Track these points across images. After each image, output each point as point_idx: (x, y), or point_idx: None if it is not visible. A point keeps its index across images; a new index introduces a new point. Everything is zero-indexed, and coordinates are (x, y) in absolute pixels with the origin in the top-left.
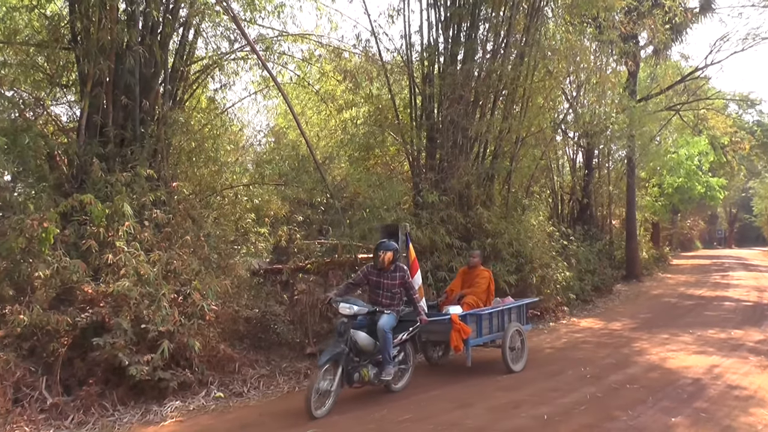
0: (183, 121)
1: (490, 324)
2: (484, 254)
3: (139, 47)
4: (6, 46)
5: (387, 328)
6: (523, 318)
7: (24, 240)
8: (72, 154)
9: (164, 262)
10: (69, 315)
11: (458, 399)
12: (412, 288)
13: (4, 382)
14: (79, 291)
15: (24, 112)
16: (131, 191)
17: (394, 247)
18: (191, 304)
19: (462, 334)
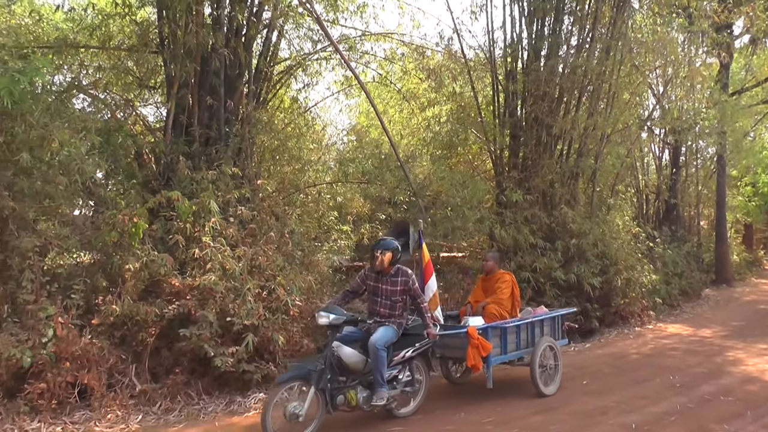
0: (266, 120)
1: (517, 338)
2: (501, 255)
3: (224, 49)
4: (101, 51)
5: (380, 343)
6: (557, 331)
7: (116, 234)
8: (159, 152)
9: (249, 257)
10: (157, 306)
11: (541, 403)
12: (420, 296)
13: (99, 368)
14: (166, 284)
15: (115, 113)
16: (216, 188)
17: (394, 246)
18: (275, 299)
19: (481, 351)
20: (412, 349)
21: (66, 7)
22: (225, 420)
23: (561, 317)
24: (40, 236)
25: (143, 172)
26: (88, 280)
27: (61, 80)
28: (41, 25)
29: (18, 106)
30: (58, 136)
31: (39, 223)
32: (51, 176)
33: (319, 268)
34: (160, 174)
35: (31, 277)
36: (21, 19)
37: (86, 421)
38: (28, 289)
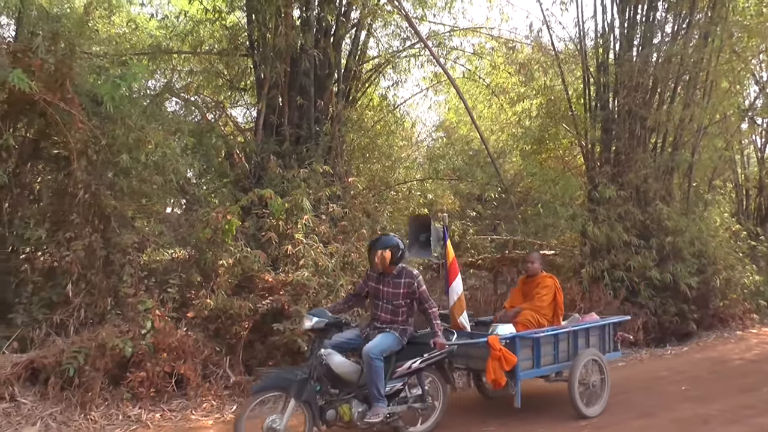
0: (356, 118)
1: (554, 350)
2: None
3: (314, 50)
4: (192, 56)
5: (375, 352)
6: (607, 343)
7: (210, 231)
8: (250, 152)
9: (342, 254)
10: (250, 301)
11: (640, 407)
12: (427, 300)
13: (194, 359)
14: (259, 279)
15: (206, 115)
16: (308, 186)
17: (394, 243)
18: None
19: (504, 365)
20: (420, 360)
21: (160, 16)
22: None
23: (612, 326)
24: (138, 233)
25: (234, 171)
26: (183, 275)
27: (155, 85)
28: (137, 34)
29: (118, 111)
30: (153, 137)
31: (137, 220)
32: (147, 176)
33: (410, 265)
34: (251, 173)
35: (130, 272)
36: (119, 28)
37: (183, 409)
38: (128, 283)
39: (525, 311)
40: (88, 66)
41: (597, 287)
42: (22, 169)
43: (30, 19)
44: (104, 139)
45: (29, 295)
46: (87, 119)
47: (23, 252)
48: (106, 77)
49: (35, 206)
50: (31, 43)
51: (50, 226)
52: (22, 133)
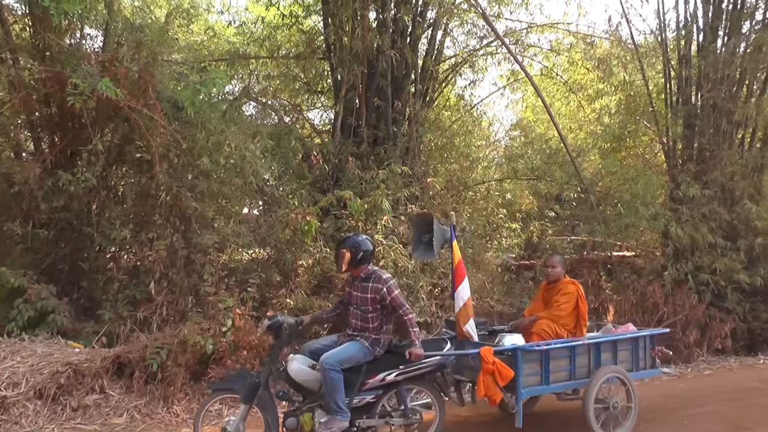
0: (433, 118)
1: (571, 365)
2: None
3: (391, 51)
4: (270, 60)
5: (330, 361)
6: (642, 358)
7: (289, 231)
8: (328, 153)
9: None
10: (330, 301)
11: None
12: (401, 306)
13: None
14: (338, 279)
15: (283, 118)
16: (386, 187)
17: (354, 242)
18: (447, 297)
19: (499, 380)
20: (396, 372)
21: (237, 23)
22: None
23: (648, 339)
24: (219, 233)
25: (312, 173)
26: (263, 275)
27: (234, 89)
28: (215, 41)
29: (198, 115)
30: (233, 140)
31: (217, 221)
32: (227, 178)
33: (489, 266)
34: (329, 174)
35: (211, 271)
36: (197, 36)
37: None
38: (209, 282)
39: (541, 320)
40: (169, 73)
41: (680, 290)
42: (108, 173)
43: (116, 30)
44: (185, 143)
45: (115, 293)
46: (168, 124)
47: (109, 251)
48: (186, 83)
49: (120, 208)
50: (117, 53)
51: (134, 226)
52: (108, 138)
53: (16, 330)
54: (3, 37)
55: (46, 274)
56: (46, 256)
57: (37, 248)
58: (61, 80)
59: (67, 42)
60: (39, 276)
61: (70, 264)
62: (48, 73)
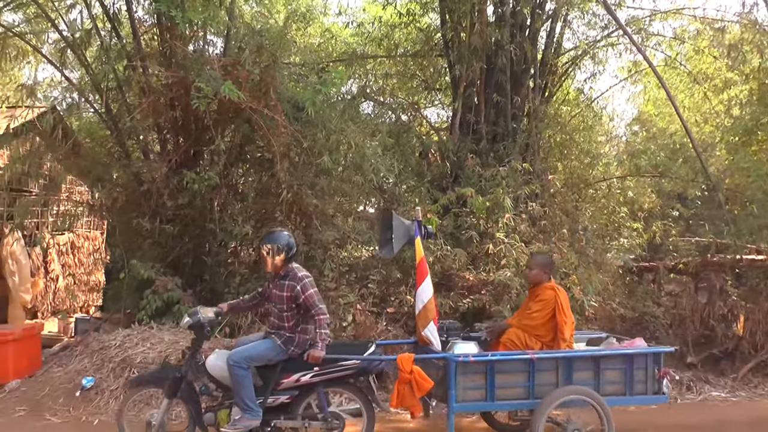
0: (552, 114)
1: (529, 381)
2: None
3: (510, 45)
4: (387, 59)
5: (235, 358)
6: (638, 381)
7: None
8: (446, 151)
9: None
10: (451, 299)
11: None
12: (313, 306)
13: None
14: (459, 278)
15: (400, 116)
16: (506, 185)
17: (271, 239)
18: (570, 298)
19: (416, 390)
20: (311, 374)
21: (354, 24)
22: None
23: (651, 359)
24: (339, 230)
25: (431, 171)
26: (383, 271)
27: (351, 89)
28: (331, 42)
29: (318, 115)
30: (353, 139)
31: (336, 218)
32: (346, 176)
33: (611, 267)
34: (449, 172)
35: (331, 267)
36: (314, 38)
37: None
38: (329, 278)
39: (511, 329)
40: (288, 75)
41: None
42: (229, 171)
43: (237, 36)
44: (305, 142)
45: (236, 286)
46: (289, 124)
47: (230, 246)
48: (306, 84)
49: (241, 205)
50: (239, 57)
51: (255, 223)
52: (230, 139)
53: (145, 318)
54: (135, 47)
55: (172, 267)
56: (171, 250)
57: (163, 243)
58: (186, 85)
59: (191, 48)
60: (165, 269)
61: (194, 258)
62: (174, 78)
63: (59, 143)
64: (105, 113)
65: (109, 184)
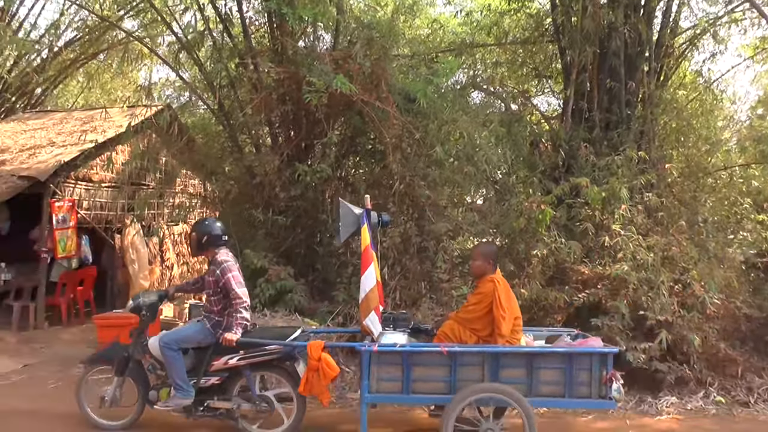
0: (669, 98)
1: (450, 376)
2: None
3: (624, 27)
4: (496, 48)
5: (165, 339)
6: (581, 383)
7: (523, 220)
8: (558, 140)
9: (661, 247)
10: (566, 293)
11: None
12: (231, 290)
13: None
14: (573, 271)
15: (510, 105)
16: (621, 174)
17: (193, 228)
18: (690, 294)
19: (323, 377)
20: (238, 357)
21: (462, 13)
22: (636, 419)
23: (596, 360)
24: (451, 221)
25: (542, 160)
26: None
27: (460, 79)
28: (439, 33)
29: (430, 106)
30: (465, 129)
31: (449, 209)
32: (458, 167)
33: (734, 262)
34: (560, 162)
35: (444, 258)
36: (421, 30)
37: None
38: (441, 269)
39: (448, 321)
40: (397, 66)
41: None
42: (340, 163)
43: (347, 29)
44: (417, 133)
45: (349, 276)
46: (400, 115)
47: None
48: (416, 75)
49: (352, 196)
50: (350, 51)
51: None
52: (341, 131)
53: (259, 306)
54: (246, 45)
55: (284, 257)
56: (284, 241)
57: (275, 233)
58: (297, 80)
59: (301, 44)
60: (278, 258)
61: (306, 248)
62: (285, 74)
63: (174, 139)
64: (218, 110)
65: (223, 177)
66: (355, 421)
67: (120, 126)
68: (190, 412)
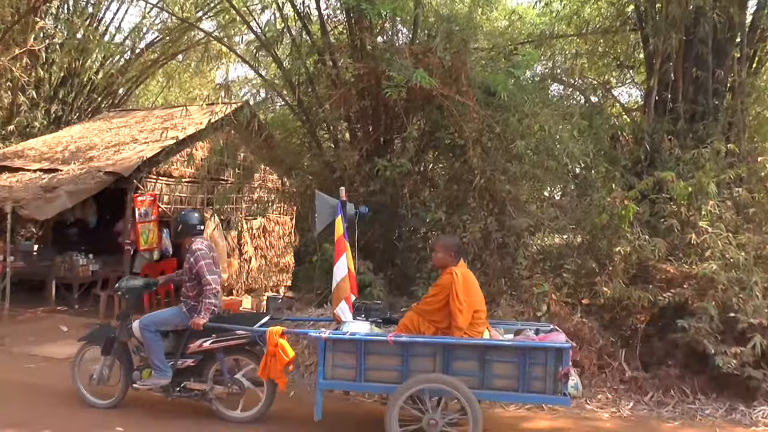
0: (763, 87)
1: (403, 365)
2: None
3: (713, 12)
4: (577, 38)
5: (145, 322)
6: (535, 378)
7: (606, 216)
8: (640, 132)
9: (755, 246)
10: (650, 293)
11: None
12: (203, 276)
13: (590, 347)
14: (657, 270)
15: (590, 97)
16: (708, 168)
17: (177, 216)
18: None
19: (278, 362)
20: (211, 340)
21: (541, 3)
22: (727, 428)
23: (550, 355)
24: (532, 217)
25: (623, 154)
26: (578, 261)
27: (539, 71)
28: (517, 25)
29: (510, 99)
30: (545, 122)
31: (529, 204)
32: (538, 161)
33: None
34: (642, 155)
35: (525, 255)
36: (500, 21)
37: (577, 397)
38: (522, 266)
39: (408, 312)
40: (475, 59)
41: None
42: (420, 158)
43: (426, 23)
44: (498, 127)
45: (428, 271)
46: (480, 109)
47: (420, 232)
48: (495, 68)
49: (431, 191)
50: (429, 45)
51: (446, 209)
52: (419, 126)
53: None
54: (325, 42)
55: (363, 251)
56: (362, 235)
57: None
58: (376, 75)
59: (379, 39)
60: (357, 252)
61: (385, 243)
62: (364, 69)
63: (253, 135)
64: (296, 106)
65: (301, 172)
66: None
67: (199, 123)
68: (168, 392)
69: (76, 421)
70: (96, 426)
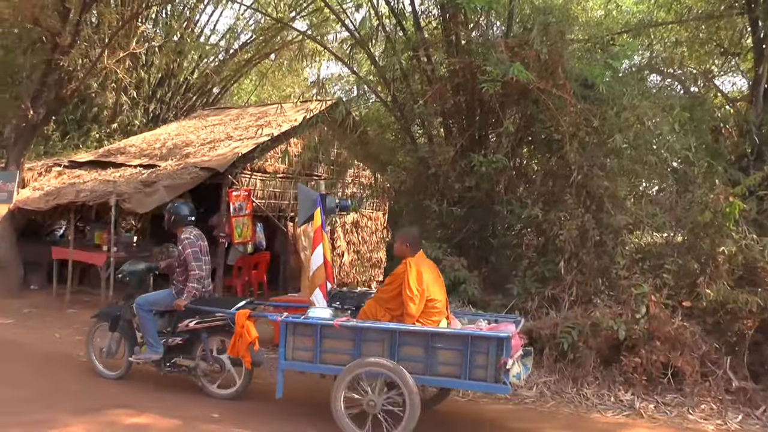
0: None
1: (354, 349)
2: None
3: None
4: (677, 25)
5: (140, 302)
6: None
7: (709, 214)
8: (746, 124)
9: None
10: (759, 296)
11: None
12: (189, 263)
13: (691, 353)
14: (766, 272)
15: (689, 88)
16: None
17: (169, 207)
18: None
19: (244, 341)
20: (195, 321)
21: None
22: None
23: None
24: (630, 214)
25: (727, 148)
26: (679, 261)
27: (637, 62)
28: (613, 14)
29: (609, 91)
30: (646, 115)
31: (628, 201)
32: (637, 156)
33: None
34: (748, 149)
35: (623, 254)
36: (596, 11)
37: (678, 406)
38: (620, 265)
39: (368, 300)
40: (571, 51)
41: None
42: (515, 153)
43: (522, 15)
44: (595, 121)
45: (524, 269)
46: (577, 102)
47: (515, 229)
48: (592, 60)
49: (526, 187)
50: (525, 37)
51: (542, 205)
52: (513, 120)
53: None
54: (419, 37)
55: (457, 248)
56: (457, 232)
57: (449, 224)
58: (471, 69)
59: (474, 34)
60: (451, 249)
61: (479, 240)
62: (460, 64)
63: (347, 132)
64: (391, 102)
65: (396, 168)
66: None
67: (293, 120)
68: (160, 366)
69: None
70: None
